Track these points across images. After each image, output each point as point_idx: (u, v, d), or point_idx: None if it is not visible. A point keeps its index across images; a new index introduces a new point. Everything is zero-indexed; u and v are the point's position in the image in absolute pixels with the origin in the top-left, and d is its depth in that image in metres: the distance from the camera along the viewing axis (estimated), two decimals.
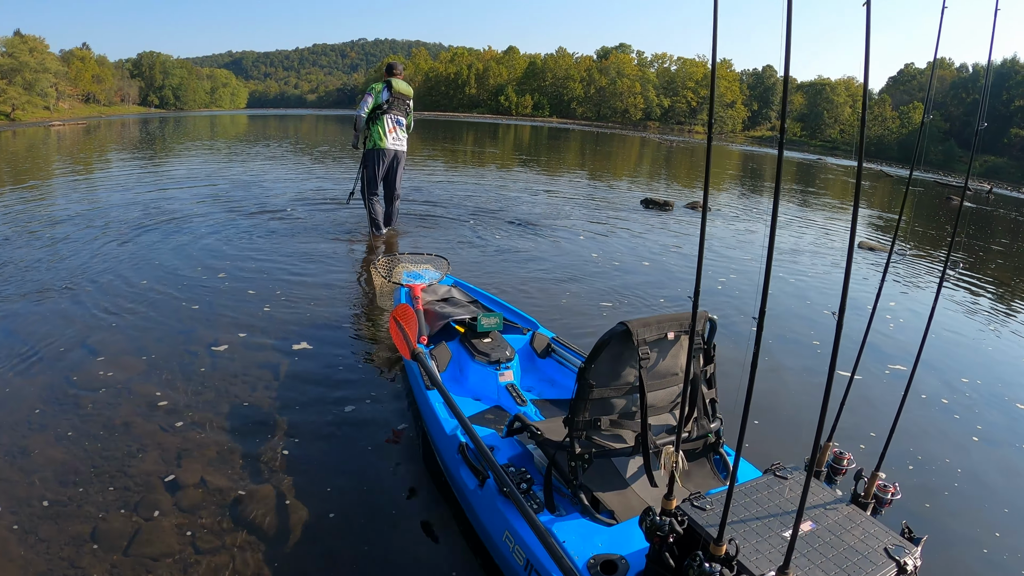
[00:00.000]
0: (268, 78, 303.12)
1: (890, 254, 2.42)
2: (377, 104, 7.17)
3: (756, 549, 1.72)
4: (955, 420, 4.07)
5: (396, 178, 7.51)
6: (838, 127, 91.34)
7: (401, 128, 7.35)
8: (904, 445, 3.53)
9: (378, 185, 7.40)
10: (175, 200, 9.53)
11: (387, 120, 7.21)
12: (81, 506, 2.55)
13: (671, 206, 11.85)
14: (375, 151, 7.27)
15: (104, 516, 2.51)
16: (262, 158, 17.70)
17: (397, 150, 7.37)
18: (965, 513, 3.04)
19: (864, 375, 4.38)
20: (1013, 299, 7.98)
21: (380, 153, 7.27)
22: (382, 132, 7.20)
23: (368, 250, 7.08)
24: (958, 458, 3.57)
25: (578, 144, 36.71)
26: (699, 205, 11.90)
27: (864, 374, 4.38)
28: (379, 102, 7.17)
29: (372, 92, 7.18)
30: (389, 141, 7.25)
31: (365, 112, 7.17)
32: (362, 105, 7.18)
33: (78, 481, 2.70)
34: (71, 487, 2.66)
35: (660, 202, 11.93)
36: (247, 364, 3.93)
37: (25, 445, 2.94)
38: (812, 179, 25.44)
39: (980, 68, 76.95)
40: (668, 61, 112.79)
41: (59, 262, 5.89)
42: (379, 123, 7.19)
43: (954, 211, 18.08)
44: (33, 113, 58.56)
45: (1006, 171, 57.06)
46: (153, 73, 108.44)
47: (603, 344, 2.19)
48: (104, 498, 2.61)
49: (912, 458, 3.47)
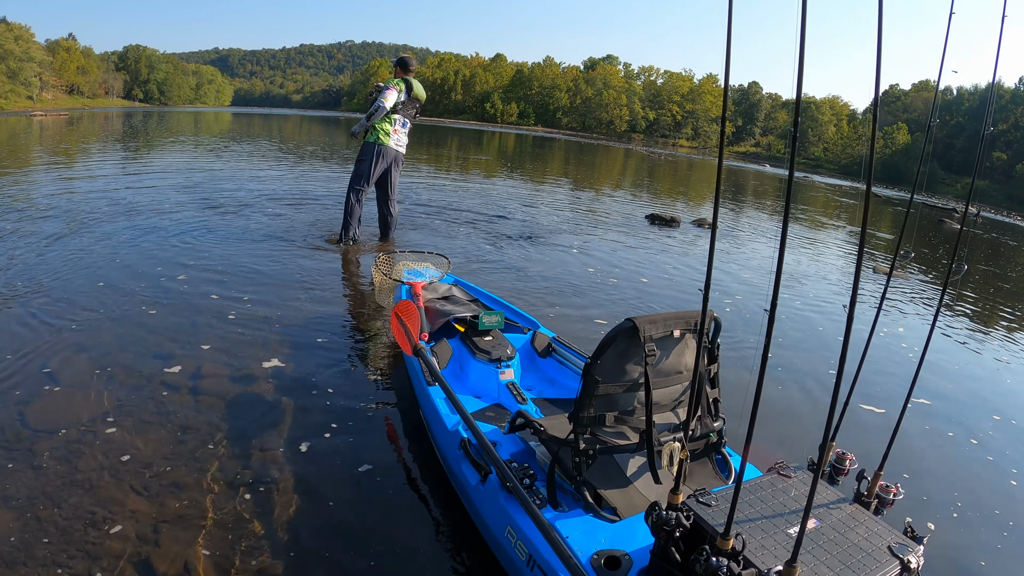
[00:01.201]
0: (254, 76, 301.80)
1: (890, 274, 2.47)
2: (396, 101, 6.75)
3: (761, 545, 1.74)
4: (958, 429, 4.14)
5: (392, 181, 7.07)
6: (822, 145, 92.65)
7: (405, 131, 7.00)
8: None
9: (367, 185, 6.89)
10: (145, 194, 9.28)
11: (395, 120, 6.83)
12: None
13: (678, 222, 11.59)
14: (376, 146, 6.78)
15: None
16: (242, 155, 17.57)
17: (398, 151, 6.97)
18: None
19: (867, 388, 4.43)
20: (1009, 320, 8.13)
21: (381, 149, 6.79)
22: (388, 130, 6.79)
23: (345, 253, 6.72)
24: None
25: (563, 154, 36.84)
26: (706, 222, 11.77)
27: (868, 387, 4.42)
28: (399, 100, 6.75)
29: (396, 87, 6.72)
30: (392, 141, 6.85)
31: (390, 104, 6.67)
32: (387, 97, 6.64)
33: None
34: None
35: (667, 218, 11.62)
36: (218, 383, 3.62)
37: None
38: (799, 197, 25.64)
39: (964, 91, 78.53)
40: (655, 74, 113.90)
41: (11, 263, 5.36)
42: (387, 120, 6.77)
43: (948, 234, 18.28)
44: (16, 102, 57.83)
45: (988, 194, 58.33)
46: (138, 67, 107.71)
47: (610, 340, 2.20)
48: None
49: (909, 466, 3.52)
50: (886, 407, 4.21)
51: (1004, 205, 50.77)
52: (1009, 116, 68.79)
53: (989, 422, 4.39)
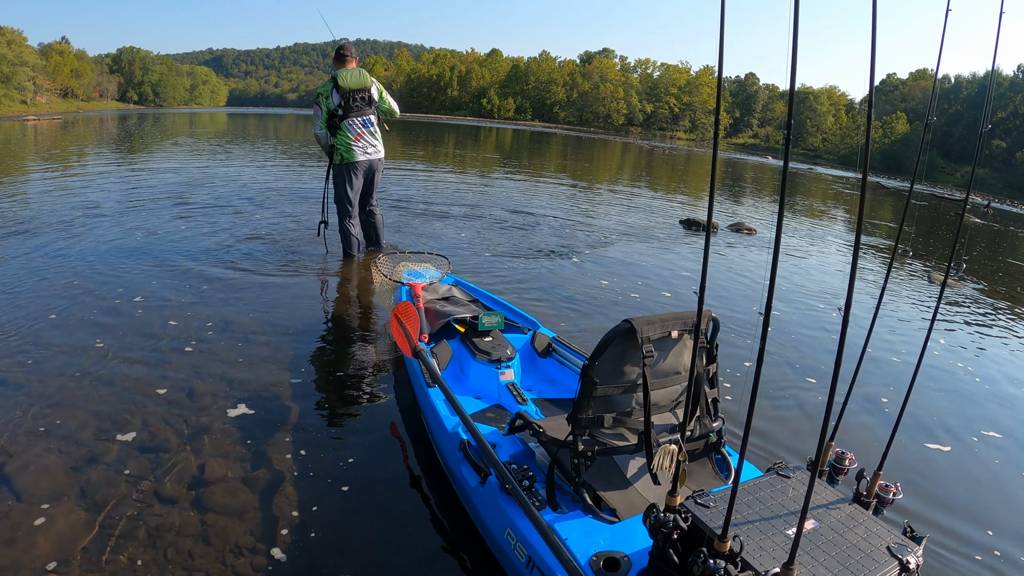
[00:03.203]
0: (248, 76, 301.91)
1: (890, 267, 2.46)
2: (330, 112, 5.83)
3: (760, 546, 1.74)
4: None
5: (372, 188, 6.28)
6: (820, 136, 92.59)
7: (370, 131, 5.99)
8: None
9: (352, 206, 6.15)
10: (111, 195, 9.26)
11: (349, 127, 5.87)
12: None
13: (716, 228, 10.85)
14: (344, 166, 6.00)
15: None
16: (235, 155, 17.56)
17: (371, 159, 6.08)
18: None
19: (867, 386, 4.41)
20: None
21: (350, 168, 6.00)
22: (348, 142, 5.89)
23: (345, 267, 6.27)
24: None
25: (564, 149, 36.64)
26: (743, 227, 11.16)
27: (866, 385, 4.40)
28: (330, 109, 5.82)
29: (320, 101, 5.84)
30: (358, 152, 5.95)
31: (320, 128, 5.90)
32: (315, 121, 5.90)
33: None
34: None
35: (703, 223, 10.44)
36: (216, 382, 3.66)
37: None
38: (808, 190, 25.32)
39: (963, 79, 78.47)
40: (651, 67, 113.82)
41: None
42: (341, 133, 5.86)
43: (964, 228, 17.79)
44: (10, 107, 57.82)
45: (988, 182, 58.25)
46: (133, 69, 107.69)
47: (607, 342, 2.20)
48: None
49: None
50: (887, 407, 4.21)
51: (1005, 193, 50.65)
52: (1008, 104, 68.72)
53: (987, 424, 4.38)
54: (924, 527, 2.69)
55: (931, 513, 3.01)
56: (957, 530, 2.92)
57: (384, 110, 6.12)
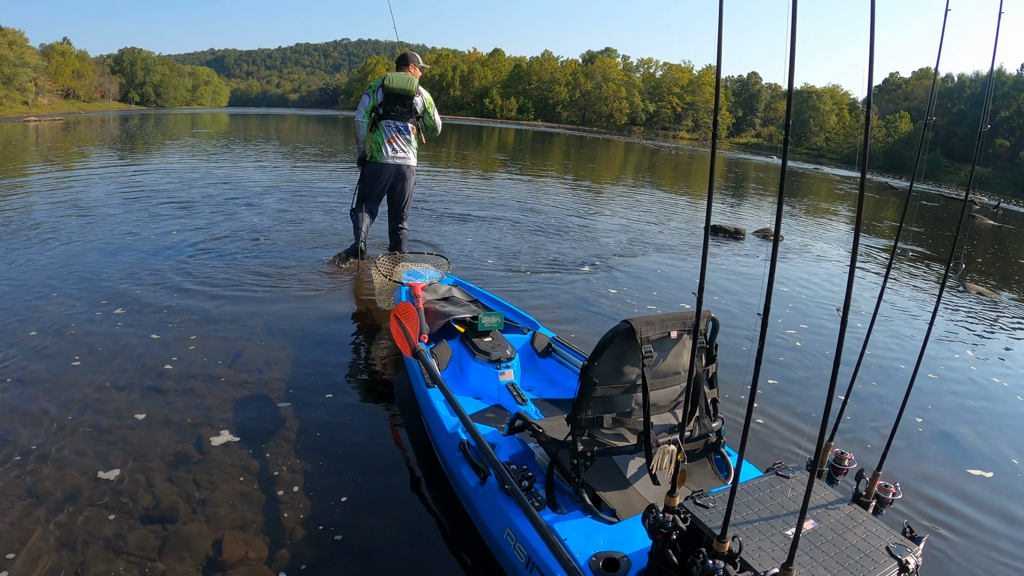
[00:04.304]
0: (250, 77, 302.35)
1: (889, 265, 2.45)
2: (374, 106, 5.87)
3: (759, 547, 1.73)
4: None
5: (402, 198, 6.20)
6: (823, 135, 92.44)
7: (405, 138, 5.97)
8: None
9: (369, 201, 6.15)
10: (112, 195, 9.22)
11: (385, 127, 5.90)
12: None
13: (742, 235, 10.53)
14: (371, 165, 6.00)
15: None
16: (235, 155, 17.57)
17: (399, 164, 6.02)
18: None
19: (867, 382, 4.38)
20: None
21: (376, 168, 5.99)
22: (380, 142, 5.90)
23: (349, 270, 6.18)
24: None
25: (567, 150, 36.49)
26: (769, 233, 10.70)
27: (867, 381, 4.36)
28: (375, 103, 5.87)
29: (368, 91, 5.95)
30: (387, 153, 5.94)
31: (362, 116, 5.92)
32: (360, 108, 5.96)
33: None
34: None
35: (730, 230, 10.58)
36: (215, 382, 3.74)
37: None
38: (815, 190, 25.04)
39: (965, 78, 78.33)
40: (654, 66, 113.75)
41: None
42: (377, 131, 5.89)
43: (977, 230, 17.78)
44: (11, 108, 57.91)
45: (991, 181, 58.11)
46: (134, 69, 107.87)
47: (607, 342, 2.20)
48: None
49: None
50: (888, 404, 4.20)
51: (1010, 192, 50.47)
52: (1011, 103, 68.58)
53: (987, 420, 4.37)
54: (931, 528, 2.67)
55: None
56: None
57: (428, 125, 6.16)
